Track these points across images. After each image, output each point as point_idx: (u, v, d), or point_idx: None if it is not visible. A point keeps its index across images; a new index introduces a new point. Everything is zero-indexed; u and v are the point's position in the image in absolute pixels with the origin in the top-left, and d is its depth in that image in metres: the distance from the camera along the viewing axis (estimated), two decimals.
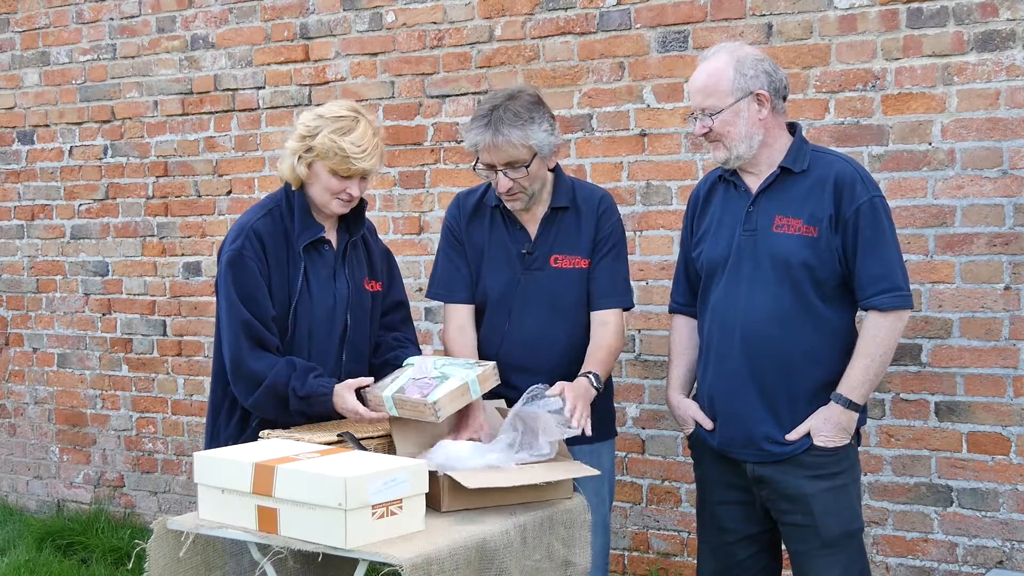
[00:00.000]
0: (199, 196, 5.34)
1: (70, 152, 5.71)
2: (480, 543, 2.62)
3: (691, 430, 3.21)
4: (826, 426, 2.97)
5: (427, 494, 2.64)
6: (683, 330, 3.29)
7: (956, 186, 3.78)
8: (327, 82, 4.95)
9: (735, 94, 2.98)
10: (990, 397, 3.75)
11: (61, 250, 5.77)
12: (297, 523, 2.53)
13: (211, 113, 5.27)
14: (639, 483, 4.38)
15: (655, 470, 4.35)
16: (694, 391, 3.27)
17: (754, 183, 3.07)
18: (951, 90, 3.77)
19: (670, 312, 3.37)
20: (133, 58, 5.47)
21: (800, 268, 2.96)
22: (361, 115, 3.13)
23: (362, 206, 3.26)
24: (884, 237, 2.96)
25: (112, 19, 5.52)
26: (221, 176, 5.27)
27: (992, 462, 3.76)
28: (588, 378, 3.13)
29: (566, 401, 2.97)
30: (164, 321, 5.47)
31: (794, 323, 2.97)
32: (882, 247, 2.95)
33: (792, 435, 2.99)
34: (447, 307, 3.36)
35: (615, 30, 4.32)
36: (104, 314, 5.65)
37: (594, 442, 3.22)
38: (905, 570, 3.91)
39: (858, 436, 3.09)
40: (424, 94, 4.74)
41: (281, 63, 5.08)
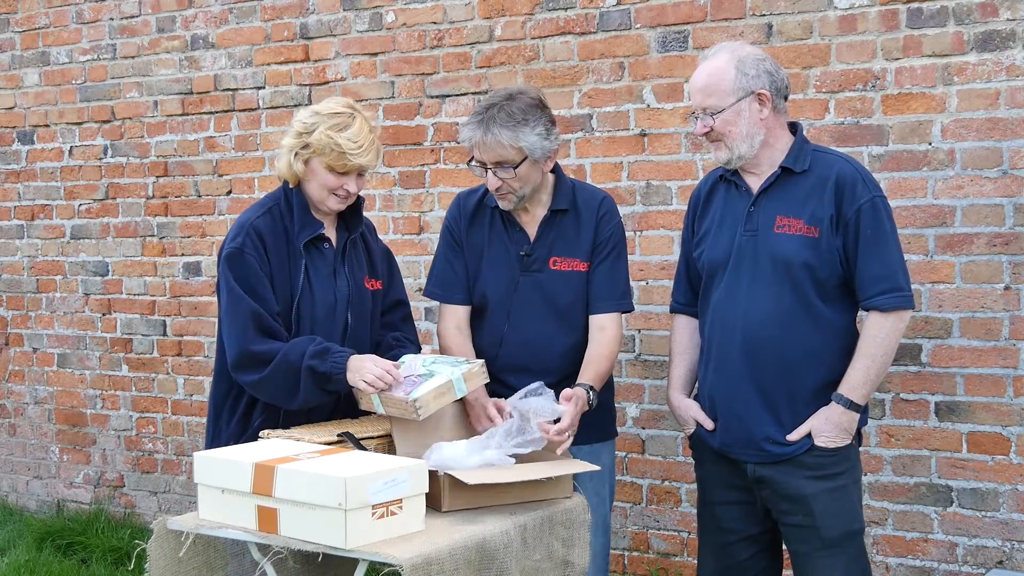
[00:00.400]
0: (199, 196, 5.34)
1: (70, 152, 5.70)
2: (480, 543, 2.62)
3: (692, 430, 3.21)
4: (827, 426, 2.97)
5: (427, 494, 2.64)
6: (684, 330, 3.29)
7: (956, 186, 3.78)
8: (327, 82, 4.95)
9: (736, 93, 2.98)
10: (990, 397, 3.75)
11: (61, 250, 5.76)
12: (297, 523, 2.53)
13: (211, 113, 5.27)
14: (639, 483, 4.37)
15: (655, 470, 4.35)
16: (695, 391, 3.27)
17: (755, 183, 3.07)
18: (951, 90, 3.77)
19: (671, 312, 3.37)
20: (133, 58, 5.47)
21: (801, 268, 2.96)
22: (357, 111, 3.14)
23: (359, 203, 3.26)
24: (885, 237, 2.96)
25: (112, 19, 5.52)
26: (221, 176, 5.27)
27: (992, 462, 3.76)
28: (587, 393, 3.14)
29: (564, 418, 2.99)
30: (164, 321, 5.47)
31: (795, 323, 2.97)
32: (883, 247, 2.95)
33: (793, 436, 2.99)
34: (444, 307, 3.36)
35: (615, 30, 4.32)
36: (104, 314, 5.65)
37: (594, 442, 3.22)
38: (905, 570, 3.91)
39: (859, 436, 3.08)
40: (424, 94, 4.74)
41: (281, 63, 5.07)
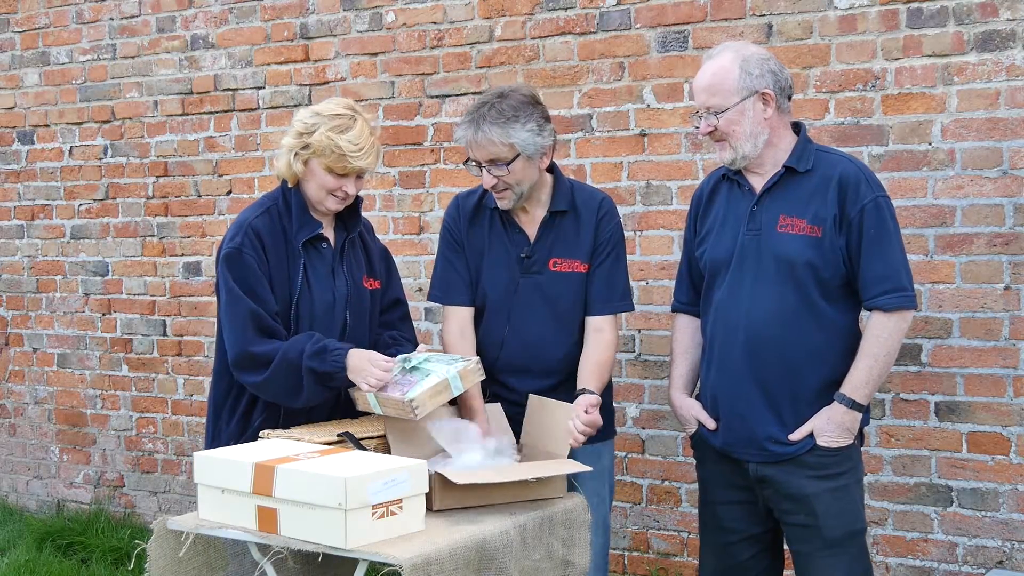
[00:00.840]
0: (199, 196, 5.33)
1: (70, 152, 5.70)
2: (480, 543, 2.62)
3: (694, 430, 3.20)
4: (829, 426, 2.96)
5: None
6: (686, 329, 3.28)
7: (956, 186, 3.77)
8: (327, 82, 4.95)
9: (740, 93, 2.97)
10: (990, 397, 3.75)
11: (61, 250, 5.76)
12: (297, 523, 2.53)
13: (211, 113, 5.27)
14: (639, 483, 4.37)
15: (655, 470, 4.34)
16: (697, 391, 3.27)
17: (758, 183, 3.06)
18: (951, 90, 3.77)
19: (673, 311, 3.37)
20: (133, 58, 5.46)
21: (804, 268, 2.95)
22: (358, 113, 3.14)
23: (358, 203, 3.26)
24: (888, 237, 2.95)
25: (112, 19, 5.51)
26: (221, 176, 5.27)
27: (992, 462, 3.76)
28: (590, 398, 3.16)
29: (581, 424, 3.04)
30: (164, 321, 5.47)
31: (797, 323, 2.97)
32: (886, 247, 2.95)
33: (795, 435, 2.98)
34: (446, 309, 3.35)
35: (615, 30, 4.32)
36: (104, 314, 5.64)
37: (594, 442, 3.22)
38: (905, 570, 3.91)
39: (861, 436, 3.08)
40: (424, 94, 4.74)
41: (281, 63, 5.07)
